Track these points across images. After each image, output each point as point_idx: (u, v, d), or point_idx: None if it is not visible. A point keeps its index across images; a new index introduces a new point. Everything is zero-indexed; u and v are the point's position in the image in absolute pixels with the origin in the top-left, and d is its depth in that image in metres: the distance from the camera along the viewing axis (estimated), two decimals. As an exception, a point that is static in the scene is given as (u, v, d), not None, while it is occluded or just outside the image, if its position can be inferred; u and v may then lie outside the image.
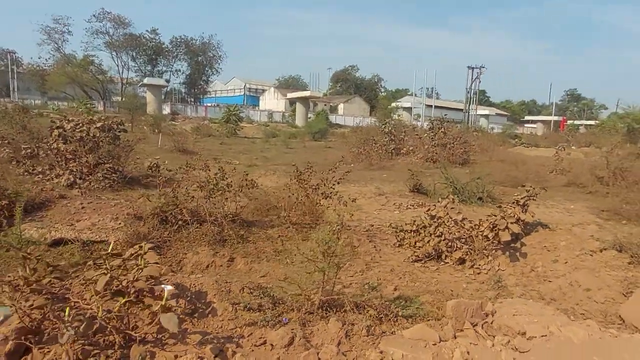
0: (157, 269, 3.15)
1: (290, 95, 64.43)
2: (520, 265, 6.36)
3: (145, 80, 51.02)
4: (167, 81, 60.40)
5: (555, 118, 69.82)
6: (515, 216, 6.52)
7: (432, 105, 59.72)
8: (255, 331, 3.41)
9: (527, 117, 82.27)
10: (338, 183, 7.89)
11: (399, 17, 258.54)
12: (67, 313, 2.78)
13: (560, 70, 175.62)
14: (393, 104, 56.94)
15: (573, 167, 15.39)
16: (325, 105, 74.05)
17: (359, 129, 28.90)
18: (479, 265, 6.65)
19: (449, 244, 7.01)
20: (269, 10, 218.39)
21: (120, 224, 6.21)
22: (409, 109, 61.25)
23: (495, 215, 6.64)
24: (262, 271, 5.82)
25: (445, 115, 21.32)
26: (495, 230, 6.57)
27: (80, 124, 10.38)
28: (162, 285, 3.18)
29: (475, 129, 33.80)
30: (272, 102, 77.37)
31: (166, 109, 54.10)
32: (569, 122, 66.18)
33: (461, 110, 59.41)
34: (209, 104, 68.73)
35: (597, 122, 57.93)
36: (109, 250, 3.30)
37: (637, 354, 3.48)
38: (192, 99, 66.72)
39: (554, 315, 3.92)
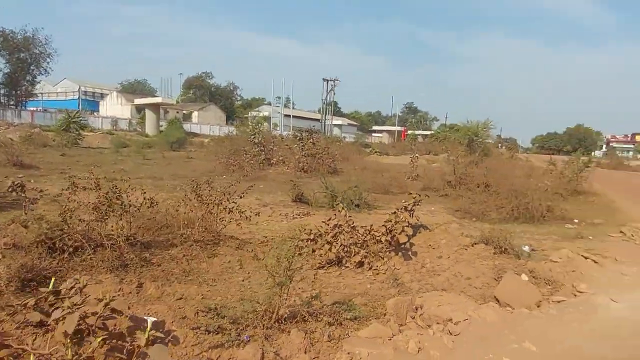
0: (123, 302, 2.76)
1: (139, 101, 59.62)
2: (412, 263, 7.19)
3: (-54, 78, 41.48)
4: (-23, 80, 49.98)
5: (398, 128, 79.03)
6: (406, 220, 7.35)
7: (290, 115, 61.89)
8: (223, 353, 3.28)
9: (374, 127, 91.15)
10: (241, 197, 7.78)
11: (252, 26, 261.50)
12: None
13: (400, 84, 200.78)
14: (261, 114, 57.31)
15: (427, 173, 17.80)
16: (177, 112, 70.50)
17: (226, 138, 28.37)
18: (377, 266, 7.27)
19: (345, 249, 7.52)
20: (106, 5, 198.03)
21: (-7, 257, 5.10)
22: (267, 118, 62.39)
23: (390, 221, 7.38)
24: (177, 294, 5.42)
25: (314, 126, 22.47)
26: (391, 233, 7.29)
27: None
28: (145, 317, 2.83)
29: (337, 139, 36.29)
30: (116, 107, 70.49)
31: (-23, 114, 44.77)
32: (409, 132, 75.72)
33: (317, 120, 63.01)
34: (34, 108, 59.08)
35: (431, 132, 67.75)
36: (50, 287, 2.79)
37: (528, 323, 4.36)
38: (14, 102, 56.39)
39: (466, 302, 4.66)
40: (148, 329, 2.64)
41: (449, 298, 4.72)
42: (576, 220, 11.06)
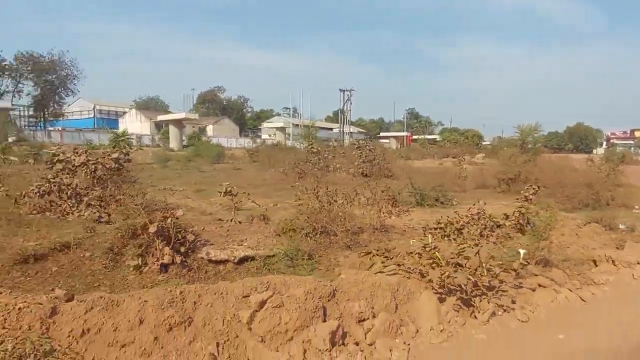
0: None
1: (162, 117, 61.60)
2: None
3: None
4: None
5: (405, 134, 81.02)
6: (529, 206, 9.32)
7: (308, 126, 64.07)
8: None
9: (381, 134, 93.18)
10: (399, 194, 9.75)
11: (246, 41, 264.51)
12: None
13: (398, 90, 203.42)
14: (275, 125, 59.25)
15: (477, 174, 19.77)
16: (193, 127, 72.55)
17: (273, 149, 30.13)
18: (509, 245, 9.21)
19: (482, 232, 9.44)
20: (110, 25, 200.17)
21: (274, 240, 7.14)
22: (282, 129, 64.45)
23: (521, 208, 9.29)
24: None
25: (366, 135, 24.38)
26: (523, 216, 9.19)
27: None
28: (519, 250, 4.90)
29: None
30: (135, 124, 72.32)
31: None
32: (416, 137, 77.65)
33: (329, 129, 65.09)
34: (54, 128, 61.05)
35: (435, 136, 69.19)
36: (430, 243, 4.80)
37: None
38: (42, 123, 58.26)
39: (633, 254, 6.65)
40: (521, 255, 4.59)
41: (623, 252, 6.73)
42: (637, 206, 13.04)
